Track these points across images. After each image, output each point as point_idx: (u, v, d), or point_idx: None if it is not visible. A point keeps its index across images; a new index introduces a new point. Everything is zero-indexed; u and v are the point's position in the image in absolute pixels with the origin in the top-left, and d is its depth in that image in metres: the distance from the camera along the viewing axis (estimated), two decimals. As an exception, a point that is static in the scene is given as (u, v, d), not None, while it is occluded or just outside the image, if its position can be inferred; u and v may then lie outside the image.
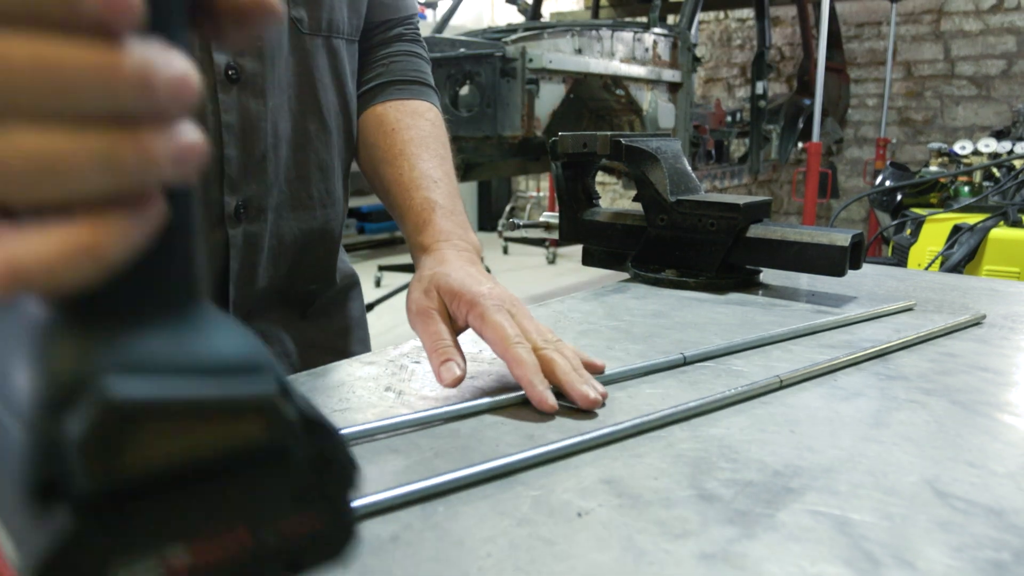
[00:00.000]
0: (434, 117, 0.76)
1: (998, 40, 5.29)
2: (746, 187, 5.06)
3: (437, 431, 0.48)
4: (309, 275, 0.75)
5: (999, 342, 0.69)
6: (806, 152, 4.26)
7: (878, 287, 0.91)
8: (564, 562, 0.34)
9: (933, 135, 5.49)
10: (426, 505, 0.39)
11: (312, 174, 0.70)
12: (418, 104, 0.76)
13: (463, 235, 0.66)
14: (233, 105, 0.61)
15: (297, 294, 0.75)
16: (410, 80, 0.78)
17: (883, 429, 0.49)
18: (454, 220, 0.67)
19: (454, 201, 0.68)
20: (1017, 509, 0.39)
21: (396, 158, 0.71)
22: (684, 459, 0.44)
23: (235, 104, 0.61)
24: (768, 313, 0.79)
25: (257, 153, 0.64)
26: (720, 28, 6.47)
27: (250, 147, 0.63)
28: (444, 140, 0.75)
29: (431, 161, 0.70)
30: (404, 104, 0.75)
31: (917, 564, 0.34)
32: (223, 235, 0.63)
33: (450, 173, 0.71)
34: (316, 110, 0.69)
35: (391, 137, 0.72)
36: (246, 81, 0.61)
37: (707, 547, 0.35)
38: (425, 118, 0.75)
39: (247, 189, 0.64)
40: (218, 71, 0.60)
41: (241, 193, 0.63)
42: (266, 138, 0.64)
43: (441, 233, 0.65)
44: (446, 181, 0.70)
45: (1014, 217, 1.83)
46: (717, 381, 0.58)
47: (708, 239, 0.88)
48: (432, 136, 0.73)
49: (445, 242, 0.64)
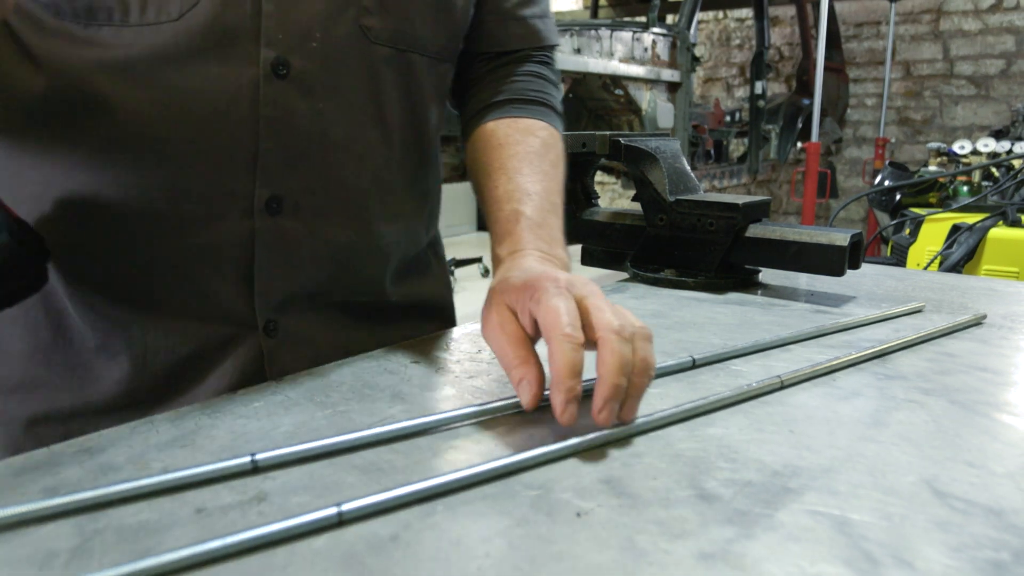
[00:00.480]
0: (547, 136, 0.73)
1: (997, 40, 5.29)
2: (745, 187, 5.06)
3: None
4: (357, 287, 0.72)
5: (998, 342, 0.69)
6: (805, 152, 4.27)
7: (877, 287, 0.92)
8: (563, 562, 0.34)
9: (932, 135, 5.49)
10: (425, 504, 0.39)
11: (368, 187, 0.68)
12: (531, 122, 0.74)
13: (547, 248, 0.61)
14: (275, 99, 0.60)
15: (346, 303, 0.72)
16: (528, 100, 0.75)
17: (882, 429, 0.49)
18: (540, 234, 0.62)
19: (546, 216, 0.64)
20: (1016, 509, 0.39)
21: (495, 172, 0.68)
22: (683, 459, 0.44)
23: (278, 99, 0.60)
24: (767, 313, 0.79)
25: (297, 150, 0.62)
26: (719, 28, 6.48)
27: (290, 144, 0.61)
28: (553, 158, 0.71)
29: (531, 176, 0.67)
30: (516, 121, 0.73)
31: (916, 564, 0.34)
32: (250, 225, 0.62)
33: (551, 189, 0.68)
34: (378, 122, 0.67)
35: (496, 152, 0.70)
36: (294, 78, 0.60)
37: (706, 547, 0.35)
38: (536, 135, 0.72)
39: (282, 185, 0.62)
40: (264, 64, 0.59)
41: (275, 187, 0.62)
42: (310, 138, 0.62)
43: (520, 243, 0.61)
44: (542, 196, 0.66)
45: (1013, 217, 1.83)
46: (717, 381, 0.58)
47: (707, 239, 0.88)
48: (538, 153, 0.70)
49: (521, 251, 0.60)
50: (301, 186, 0.63)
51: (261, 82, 0.59)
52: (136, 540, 0.35)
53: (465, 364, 0.61)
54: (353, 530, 0.36)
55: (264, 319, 0.65)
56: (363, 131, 0.66)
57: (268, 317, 0.65)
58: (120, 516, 0.37)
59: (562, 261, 0.60)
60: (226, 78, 0.58)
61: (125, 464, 0.43)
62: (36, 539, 0.36)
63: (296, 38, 0.60)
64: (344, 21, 0.62)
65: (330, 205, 0.65)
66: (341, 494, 0.40)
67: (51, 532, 0.36)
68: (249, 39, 0.58)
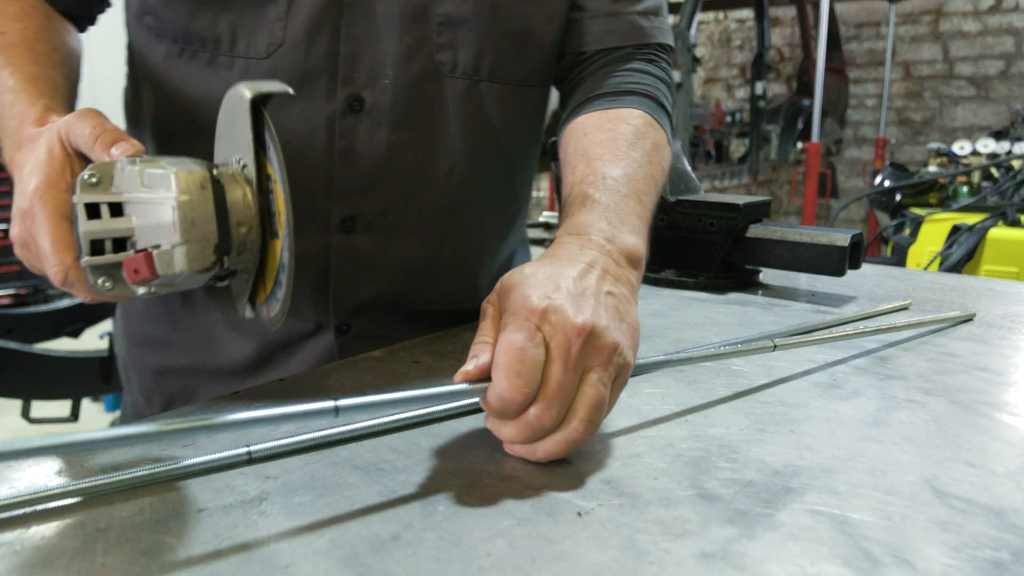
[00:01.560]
0: (641, 124, 0.66)
1: (996, 41, 5.29)
2: (745, 187, 5.06)
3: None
4: (432, 297, 0.74)
5: (998, 342, 0.70)
6: (805, 152, 4.27)
7: (877, 287, 0.92)
8: (564, 562, 0.34)
9: (932, 135, 5.49)
10: (426, 504, 0.39)
11: (441, 209, 0.70)
12: (624, 111, 0.68)
13: (610, 232, 0.53)
14: (349, 132, 0.64)
15: (420, 311, 0.74)
16: (624, 91, 0.70)
17: (882, 429, 0.49)
18: (607, 216, 0.55)
19: (621, 201, 0.57)
20: (1016, 509, 0.39)
21: (576, 159, 0.63)
22: (684, 459, 0.44)
23: (352, 131, 0.64)
24: (768, 313, 0.79)
25: (370, 177, 0.65)
26: (719, 28, 6.48)
27: (363, 170, 0.65)
28: (647, 147, 0.64)
29: (614, 163, 0.61)
30: (607, 112, 0.68)
31: (916, 563, 0.34)
32: (326, 240, 0.66)
33: (635, 176, 0.60)
34: (450, 148, 0.68)
35: (580, 140, 0.66)
36: (367, 112, 0.64)
37: (707, 547, 0.35)
38: (628, 123, 0.66)
39: (356, 206, 0.66)
40: (340, 101, 0.63)
41: (349, 208, 0.66)
42: (382, 165, 0.65)
43: (577, 226, 0.54)
44: (620, 181, 0.59)
45: (1012, 217, 1.83)
46: (716, 381, 0.58)
47: (708, 239, 0.89)
48: (627, 139, 0.64)
49: (573, 234, 0.53)
50: (374, 208, 0.67)
51: (337, 117, 0.63)
52: (138, 539, 0.35)
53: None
54: (354, 530, 0.37)
55: (338, 321, 0.70)
56: (435, 158, 0.68)
57: (341, 320, 0.70)
58: (121, 516, 0.38)
59: (624, 248, 0.52)
60: (306, 113, 0.63)
61: (125, 465, 0.43)
62: (38, 539, 0.36)
63: (369, 76, 0.63)
64: (418, 59, 0.64)
65: (401, 225, 0.69)
66: (341, 493, 0.40)
67: (53, 532, 0.36)
68: (327, 78, 0.63)
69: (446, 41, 0.65)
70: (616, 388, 0.45)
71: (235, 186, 0.45)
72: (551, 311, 0.43)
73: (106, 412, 2.74)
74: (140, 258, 0.44)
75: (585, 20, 0.71)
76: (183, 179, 0.43)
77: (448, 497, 0.40)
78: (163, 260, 0.44)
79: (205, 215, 0.44)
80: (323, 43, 0.62)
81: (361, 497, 0.39)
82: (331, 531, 0.36)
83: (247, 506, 0.39)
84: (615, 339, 0.43)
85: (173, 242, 0.43)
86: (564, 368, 0.42)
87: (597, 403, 0.42)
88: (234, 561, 0.34)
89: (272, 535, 0.36)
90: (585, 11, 0.71)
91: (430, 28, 0.64)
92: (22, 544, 0.35)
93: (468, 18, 0.64)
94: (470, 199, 0.72)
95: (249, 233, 0.46)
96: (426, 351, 0.65)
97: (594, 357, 0.42)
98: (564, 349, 0.42)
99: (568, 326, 0.42)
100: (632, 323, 0.46)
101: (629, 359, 0.45)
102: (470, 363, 0.43)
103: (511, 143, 0.73)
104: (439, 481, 0.41)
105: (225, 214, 0.45)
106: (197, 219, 0.43)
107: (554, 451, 0.42)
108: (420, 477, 0.42)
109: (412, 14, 0.63)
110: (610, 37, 0.72)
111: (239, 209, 0.45)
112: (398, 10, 0.62)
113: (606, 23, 0.71)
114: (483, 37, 0.66)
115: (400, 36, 0.63)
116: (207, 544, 0.35)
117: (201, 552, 0.34)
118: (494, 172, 0.73)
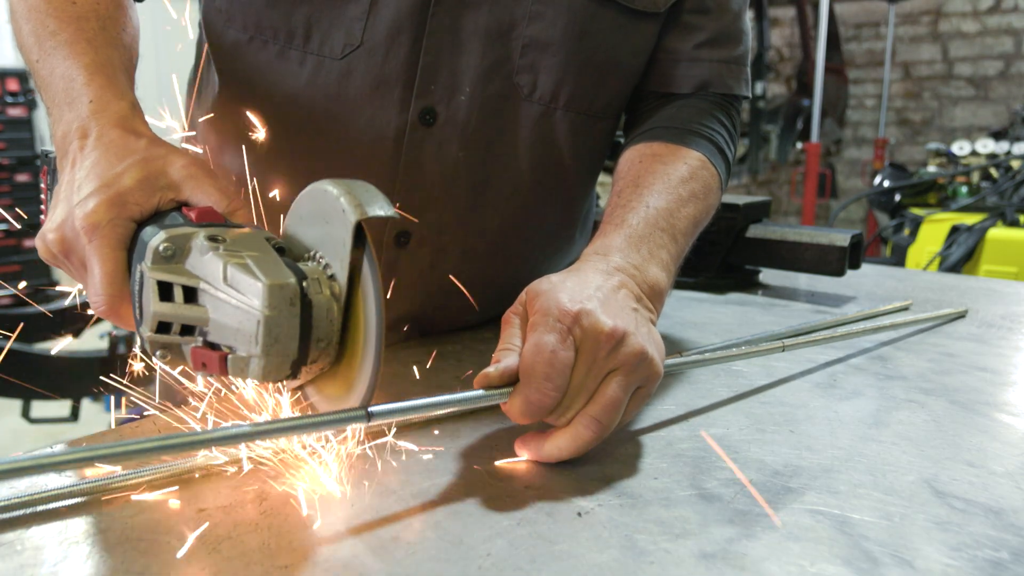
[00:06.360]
0: (696, 164, 0.65)
1: (996, 41, 5.29)
2: (745, 187, 5.06)
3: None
4: (487, 309, 0.73)
5: (997, 342, 0.70)
6: (805, 152, 4.27)
7: (877, 287, 0.92)
8: (564, 561, 0.34)
9: (931, 136, 5.49)
10: (426, 504, 0.39)
11: (497, 230, 0.69)
12: (683, 150, 0.67)
13: (638, 260, 0.53)
14: (417, 145, 0.62)
15: (457, 328, 0.75)
16: (687, 130, 0.69)
17: (882, 429, 0.49)
18: (638, 246, 0.54)
19: (657, 234, 0.56)
20: (1015, 508, 0.39)
21: (626, 185, 0.62)
22: (684, 459, 0.44)
23: (420, 145, 0.62)
24: (768, 313, 0.79)
25: (430, 193, 0.64)
26: (719, 29, 6.47)
27: (424, 186, 0.64)
28: (696, 189, 0.63)
29: (660, 195, 0.60)
30: (667, 145, 0.67)
31: (916, 563, 0.34)
32: (381, 254, 0.65)
33: (675, 213, 0.59)
34: (515, 172, 0.67)
35: (635, 167, 0.65)
36: (439, 127, 0.62)
37: (707, 547, 0.35)
38: (684, 161, 0.65)
39: (412, 223, 0.65)
40: (413, 112, 0.61)
41: (405, 224, 0.65)
42: (444, 182, 0.64)
43: (608, 248, 0.54)
44: (662, 215, 0.58)
45: (1011, 217, 1.83)
46: (716, 381, 0.58)
47: (708, 239, 0.88)
48: (680, 176, 0.63)
49: (600, 255, 0.53)
50: (431, 226, 0.66)
51: (407, 129, 0.61)
52: (139, 539, 0.35)
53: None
54: (354, 530, 0.37)
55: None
56: (498, 180, 0.67)
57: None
58: (122, 516, 0.38)
59: (647, 280, 0.52)
60: (374, 122, 0.61)
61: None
62: (38, 539, 0.36)
63: (447, 90, 0.61)
64: (498, 78, 0.62)
65: (455, 244, 0.68)
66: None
67: (53, 532, 0.36)
68: (403, 87, 0.61)
69: (527, 63, 0.63)
70: (639, 397, 0.45)
71: (321, 299, 0.41)
72: (583, 315, 0.43)
73: (106, 412, 2.75)
74: (213, 357, 0.40)
75: (668, 61, 0.70)
76: (274, 295, 0.39)
77: (448, 497, 0.40)
78: (237, 366, 0.40)
79: (289, 333, 0.40)
80: (403, 50, 0.59)
81: (361, 497, 0.40)
82: (336, 541, 0.36)
83: (248, 506, 0.39)
84: (643, 347, 0.43)
85: (251, 352, 0.40)
86: (588, 371, 0.42)
87: (611, 405, 0.42)
88: (235, 561, 0.34)
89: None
90: (669, 52, 0.69)
91: (513, 48, 0.62)
92: (22, 544, 0.35)
93: (554, 43, 0.63)
94: (526, 223, 0.71)
95: (328, 347, 0.41)
96: (425, 352, 0.65)
97: (619, 361, 0.43)
98: (592, 353, 0.42)
99: (599, 330, 0.43)
100: (658, 340, 0.47)
101: (658, 368, 0.45)
102: (492, 367, 0.43)
103: (575, 171, 0.72)
104: (439, 481, 0.41)
105: (309, 331, 0.41)
106: (281, 336, 0.40)
107: (560, 452, 0.42)
108: (420, 477, 0.42)
109: (498, 30, 0.61)
110: (688, 83, 0.70)
111: (322, 326, 0.41)
112: (484, 25, 0.60)
113: (688, 68, 0.70)
114: (567, 64, 0.64)
115: (483, 52, 0.61)
116: (208, 544, 0.35)
117: (201, 552, 0.34)
118: (554, 198, 0.72)
